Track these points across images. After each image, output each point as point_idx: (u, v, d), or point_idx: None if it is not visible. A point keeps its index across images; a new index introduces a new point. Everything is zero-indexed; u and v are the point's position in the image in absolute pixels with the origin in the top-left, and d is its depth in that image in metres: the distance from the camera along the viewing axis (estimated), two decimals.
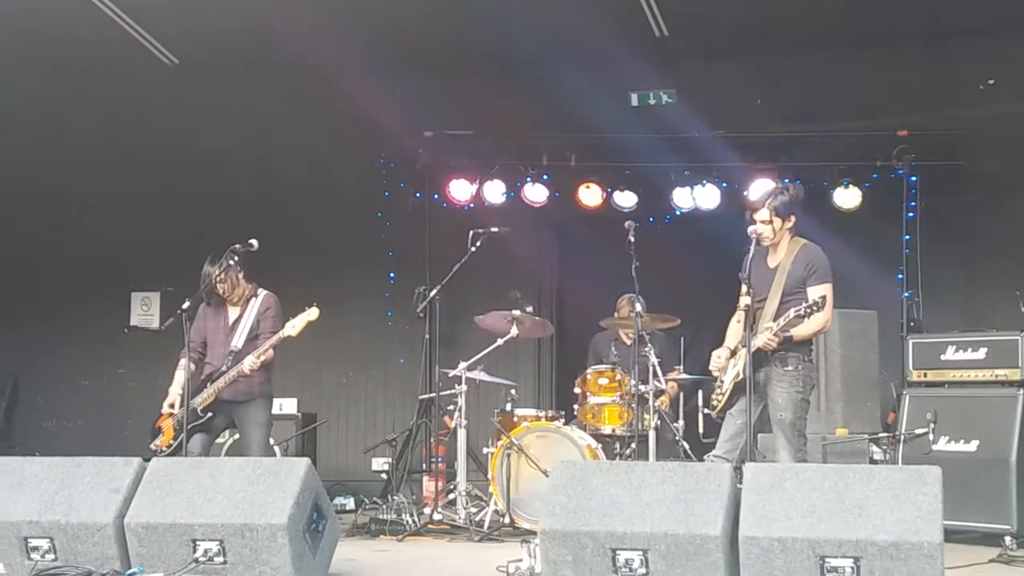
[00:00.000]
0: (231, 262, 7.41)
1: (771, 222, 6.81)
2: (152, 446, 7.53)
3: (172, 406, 7.56)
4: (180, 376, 7.61)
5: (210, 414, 7.38)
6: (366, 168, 11.20)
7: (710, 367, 7.04)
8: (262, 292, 7.67)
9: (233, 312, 7.63)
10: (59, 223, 11.43)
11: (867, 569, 5.19)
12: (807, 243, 6.91)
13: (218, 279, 7.44)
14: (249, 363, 7.28)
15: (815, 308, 6.47)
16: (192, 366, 7.56)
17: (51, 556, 6.13)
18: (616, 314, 9.39)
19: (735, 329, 7.01)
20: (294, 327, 7.31)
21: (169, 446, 7.43)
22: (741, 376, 6.62)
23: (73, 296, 11.61)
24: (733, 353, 6.90)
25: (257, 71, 9.30)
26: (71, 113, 9.85)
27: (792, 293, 6.73)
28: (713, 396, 7.01)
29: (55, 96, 9.63)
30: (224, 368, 7.38)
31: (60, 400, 11.74)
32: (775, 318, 6.65)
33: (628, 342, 9.22)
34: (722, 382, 6.92)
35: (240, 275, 7.54)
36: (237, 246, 7.28)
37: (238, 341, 7.47)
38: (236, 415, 7.51)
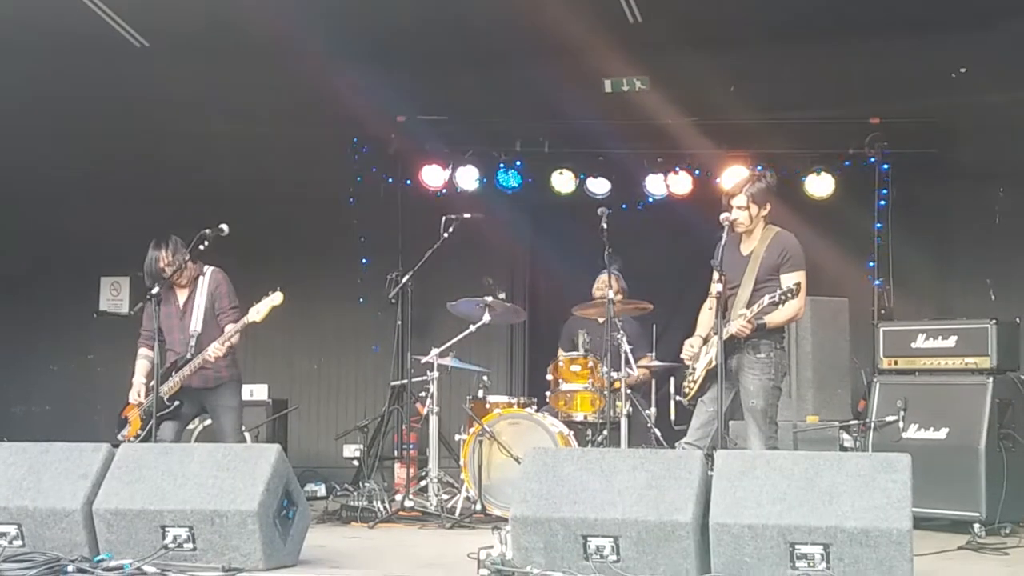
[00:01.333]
0: (180, 244, 7.36)
1: (748, 208, 6.82)
2: (119, 436, 7.46)
3: (139, 395, 7.49)
4: (142, 366, 7.56)
5: (177, 402, 7.32)
6: (338, 153, 11.15)
7: (682, 355, 7.04)
8: (209, 269, 7.59)
9: (182, 295, 7.54)
10: (27, 207, 11.30)
11: (836, 556, 5.21)
12: (780, 231, 6.92)
13: (166, 263, 7.38)
14: (213, 351, 7.22)
15: (789, 295, 6.49)
16: (151, 353, 7.51)
17: (19, 542, 6.10)
18: (594, 287, 9.38)
19: (707, 316, 7.01)
20: (259, 312, 7.24)
21: (137, 436, 7.36)
22: (713, 363, 6.62)
23: (42, 281, 11.52)
24: (705, 341, 6.91)
25: (228, 55, 9.24)
26: (36, 96, 9.74)
27: (765, 280, 6.74)
28: (685, 383, 7.02)
29: (23, 79, 9.52)
30: (188, 355, 7.31)
31: (28, 385, 11.65)
32: (748, 305, 6.66)
33: (601, 322, 9.22)
34: (694, 369, 6.93)
35: (186, 257, 7.42)
36: (207, 231, 7.22)
37: (196, 324, 7.40)
38: (206, 401, 7.47)
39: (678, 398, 7.55)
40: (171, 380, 7.31)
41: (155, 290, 7.25)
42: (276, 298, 7.26)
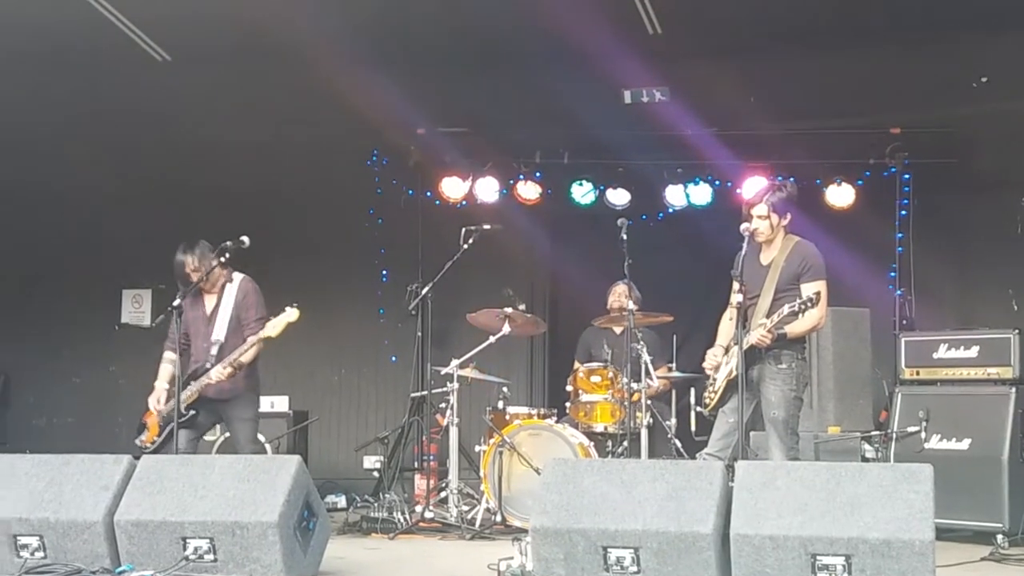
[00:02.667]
0: (207, 249, 7.32)
1: (768, 217, 6.81)
2: (137, 442, 7.47)
3: (158, 401, 7.48)
4: (165, 371, 7.54)
5: (193, 412, 7.27)
6: (359, 165, 11.19)
7: (704, 365, 7.03)
8: (237, 276, 7.52)
9: (210, 301, 7.49)
10: (50, 220, 11.39)
11: (858, 567, 5.18)
12: (801, 240, 6.91)
13: (192, 268, 7.36)
14: (216, 374, 7.16)
15: (809, 304, 6.47)
16: (175, 357, 7.50)
17: (40, 554, 6.12)
18: (608, 299, 9.38)
19: (727, 327, 7.00)
20: (275, 328, 7.19)
21: (154, 442, 7.36)
22: (734, 374, 6.60)
23: (64, 294, 11.58)
24: (727, 351, 6.89)
25: (250, 69, 9.28)
26: (63, 110, 9.82)
27: (785, 290, 6.72)
28: (705, 394, 7.00)
29: (48, 93, 9.60)
30: (207, 364, 7.28)
31: (51, 398, 11.70)
32: (768, 315, 6.64)
33: (619, 332, 9.23)
34: (714, 380, 6.91)
35: (214, 261, 7.40)
36: (228, 243, 7.21)
37: (219, 332, 7.35)
38: (223, 412, 7.45)
39: (698, 409, 7.53)
40: (189, 388, 7.28)
41: (177, 302, 7.22)
42: (292, 314, 7.19)
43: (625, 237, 8.07)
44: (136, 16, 8.43)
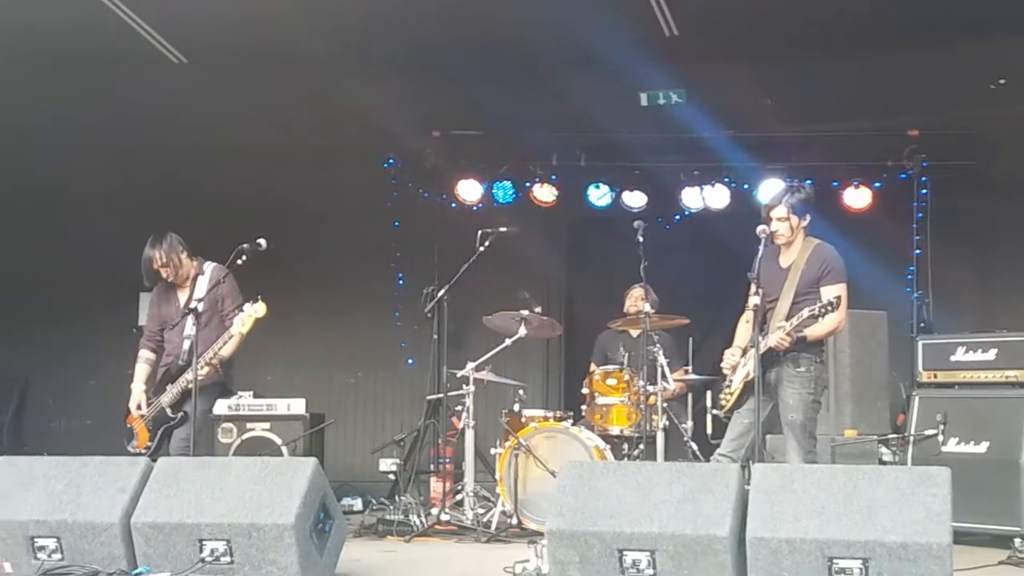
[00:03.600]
0: (176, 243, 7.28)
1: (788, 219, 6.80)
2: (129, 448, 7.43)
3: (139, 407, 7.41)
4: (142, 371, 7.49)
5: (182, 413, 7.22)
6: (374, 168, 11.20)
7: (721, 365, 7.01)
8: (208, 267, 7.45)
9: (182, 295, 7.45)
10: (67, 224, 11.42)
11: (875, 570, 5.16)
12: (820, 243, 6.88)
13: (161, 263, 7.30)
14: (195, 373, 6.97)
15: (830, 308, 6.44)
16: (152, 355, 7.49)
17: (58, 556, 6.13)
18: (625, 303, 9.37)
19: (744, 329, 6.99)
20: (243, 324, 7.07)
21: (148, 447, 7.32)
22: (751, 376, 6.59)
23: (81, 297, 11.61)
24: (744, 352, 6.87)
25: (265, 71, 9.30)
26: (79, 112, 9.86)
27: (805, 293, 6.71)
28: (721, 395, 6.99)
29: (63, 96, 9.64)
30: (180, 361, 7.20)
31: (69, 400, 11.75)
32: (787, 318, 6.62)
33: (635, 334, 9.22)
34: (731, 381, 6.89)
35: (183, 254, 7.34)
36: (245, 245, 7.18)
37: (190, 327, 7.15)
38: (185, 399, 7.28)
39: (715, 411, 7.52)
40: (170, 391, 7.25)
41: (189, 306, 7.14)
42: (259, 309, 7.06)
43: (641, 239, 8.07)
44: (152, 18, 8.44)
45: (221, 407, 8.62)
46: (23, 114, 9.66)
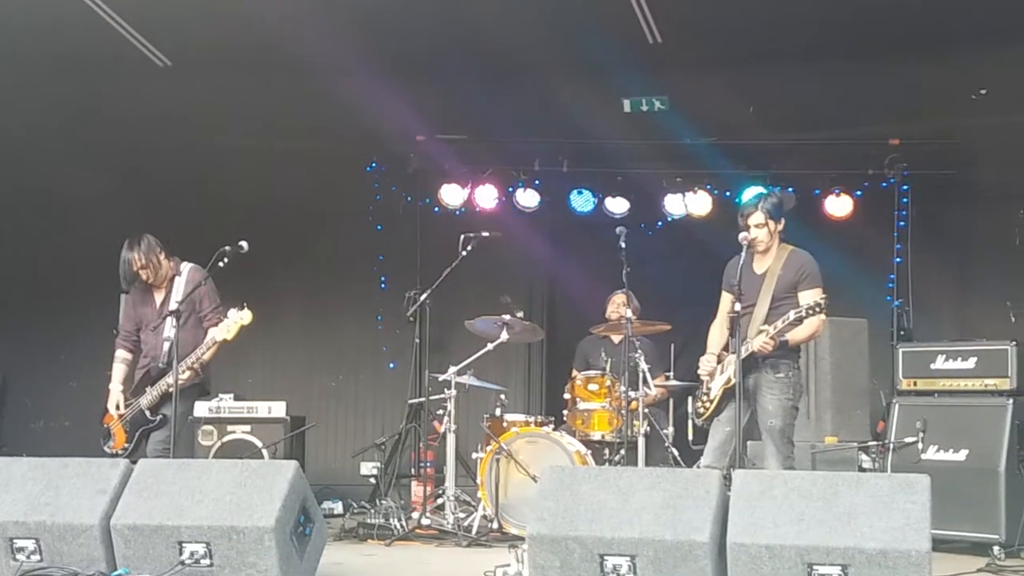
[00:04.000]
0: (153, 244, 7.27)
1: (766, 224, 6.83)
2: (106, 448, 7.41)
3: (117, 407, 7.39)
4: (119, 371, 7.47)
5: (161, 415, 7.21)
6: (358, 172, 11.19)
7: (699, 372, 7.03)
8: (186, 267, 7.43)
9: (159, 296, 7.44)
10: (48, 224, 11.38)
11: None
12: (795, 248, 6.93)
13: (140, 265, 7.28)
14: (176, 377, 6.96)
15: (817, 309, 6.45)
16: (128, 355, 7.46)
17: (36, 557, 6.09)
18: (607, 309, 9.39)
19: (717, 335, 7.04)
20: (227, 330, 7.07)
21: (125, 449, 7.29)
22: (732, 382, 6.61)
23: (61, 297, 11.55)
24: (719, 359, 6.91)
25: (249, 75, 9.29)
26: (62, 114, 9.82)
27: (782, 298, 6.75)
28: (699, 404, 7.00)
29: (47, 97, 9.60)
30: (161, 363, 7.20)
31: (48, 401, 11.69)
32: (765, 323, 6.65)
33: (617, 340, 9.24)
34: (709, 389, 6.92)
35: (161, 256, 7.33)
36: (227, 248, 7.15)
37: (170, 329, 7.14)
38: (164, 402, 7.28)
39: (694, 419, 7.53)
40: (149, 394, 7.23)
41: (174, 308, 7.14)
42: (245, 316, 7.07)
43: (624, 245, 8.08)
44: (137, 21, 8.42)
45: (202, 409, 8.62)
46: (5, 115, 9.62)
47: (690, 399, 8.51)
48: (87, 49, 8.78)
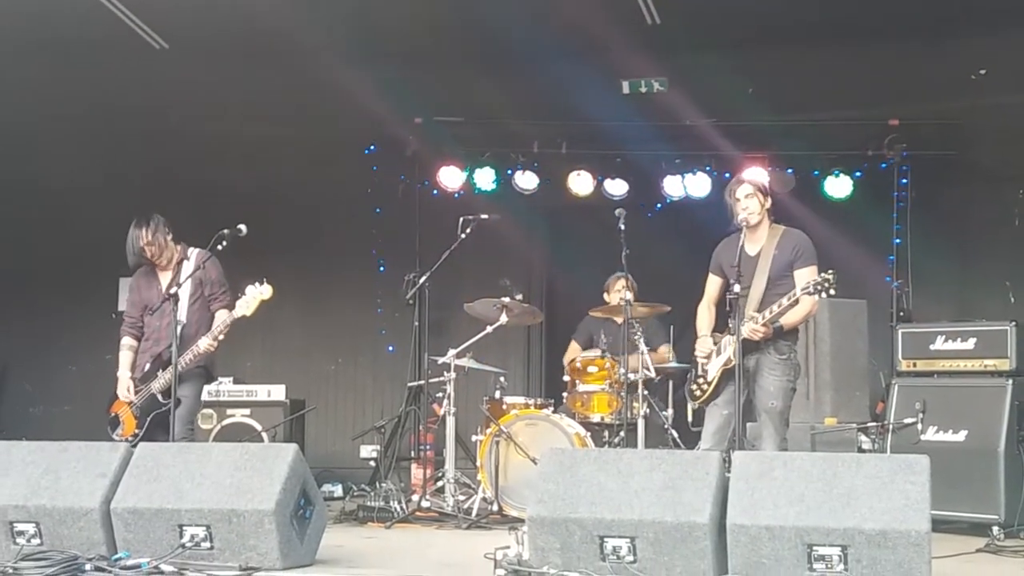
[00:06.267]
0: (161, 224, 7.26)
1: (755, 195, 6.82)
2: (115, 436, 7.38)
3: (128, 391, 7.36)
4: (127, 358, 7.45)
5: (177, 399, 7.12)
6: (356, 155, 11.18)
7: (696, 354, 7.02)
8: (193, 252, 7.42)
9: (165, 279, 7.42)
10: (45, 209, 11.36)
11: (854, 558, 5.19)
12: (788, 228, 6.95)
13: (147, 241, 7.27)
14: (205, 345, 7.09)
15: (825, 285, 6.33)
16: (135, 343, 7.44)
17: (37, 541, 6.10)
18: (606, 292, 9.37)
19: (706, 317, 7.05)
20: (248, 306, 7.08)
21: (135, 435, 7.25)
22: (732, 363, 6.59)
23: (60, 282, 11.57)
24: (715, 341, 6.91)
25: (247, 57, 9.25)
26: (58, 98, 9.78)
27: (778, 278, 6.74)
28: (694, 386, 6.99)
29: (42, 81, 9.57)
30: (175, 347, 7.13)
31: (47, 386, 11.70)
32: (760, 303, 6.65)
33: (619, 321, 9.22)
34: (706, 371, 6.91)
35: (168, 236, 7.32)
36: (225, 231, 7.14)
37: (182, 312, 7.14)
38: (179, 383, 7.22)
39: (690, 401, 7.52)
40: (162, 378, 7.20)
41: (174, 290, 7.12)
42: (265, 291, 7.09)
43: (623, 227, 8.06)
44: (134, 2, 8.39)
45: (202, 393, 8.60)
46: (1, 101, 9.59)
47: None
48: (83, 31, 8.75)
